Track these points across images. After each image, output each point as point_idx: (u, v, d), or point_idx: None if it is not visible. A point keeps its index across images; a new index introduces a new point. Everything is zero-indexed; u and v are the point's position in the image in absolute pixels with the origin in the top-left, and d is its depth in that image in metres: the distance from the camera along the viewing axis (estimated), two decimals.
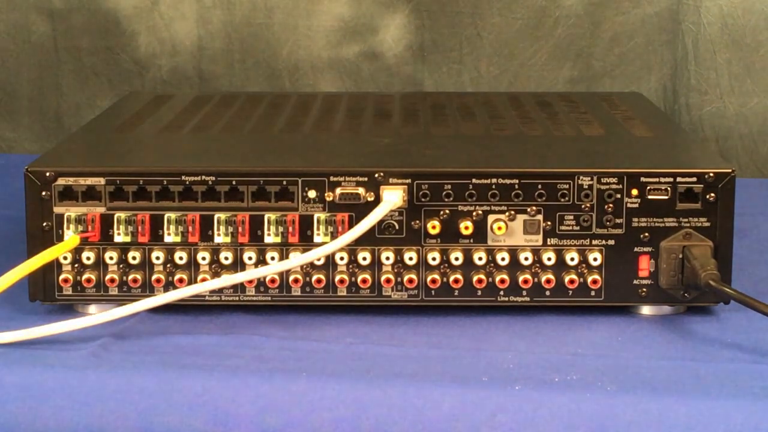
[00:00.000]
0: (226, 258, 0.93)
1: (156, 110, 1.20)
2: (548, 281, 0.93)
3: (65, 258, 0.93)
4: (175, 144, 1.05)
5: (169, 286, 0.93)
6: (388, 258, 0.93)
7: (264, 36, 1.54)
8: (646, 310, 0.95)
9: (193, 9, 1.54)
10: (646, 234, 0.93)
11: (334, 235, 0.92)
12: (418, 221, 0.93)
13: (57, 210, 0.93)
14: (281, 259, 0.93)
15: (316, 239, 0.93)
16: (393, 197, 0.92)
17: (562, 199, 0.93)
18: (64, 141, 1.16)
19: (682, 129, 1.33)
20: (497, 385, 0.80)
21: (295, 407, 0.80)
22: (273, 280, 0.93)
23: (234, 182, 0.93)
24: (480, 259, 0.93)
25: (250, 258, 0.93)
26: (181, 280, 0.93)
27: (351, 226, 0.92)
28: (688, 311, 0.95)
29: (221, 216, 0.93)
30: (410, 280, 0.93)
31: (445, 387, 0.80)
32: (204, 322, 0.93)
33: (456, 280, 0.93)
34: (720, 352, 0.88)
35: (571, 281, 0.93)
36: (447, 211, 0.93)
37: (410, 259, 0.93)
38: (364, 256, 0.93)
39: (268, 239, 0.93)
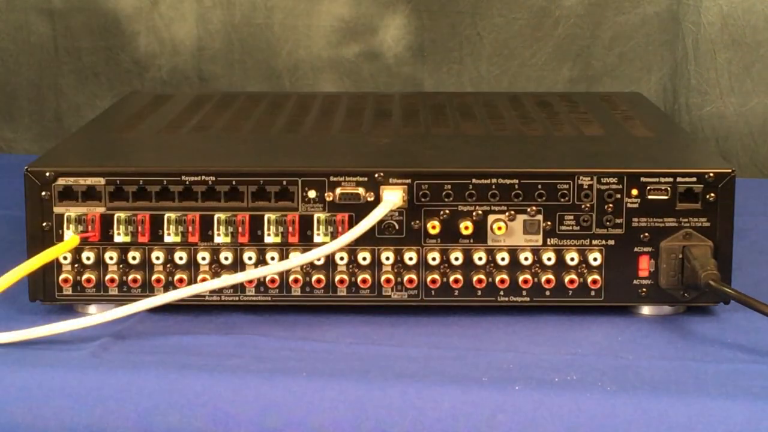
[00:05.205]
0: (226, 258, 0.93)
1: (156, 110, 1.20)
2: (548, 281, 0.93)
3: (65, 258, 0.93)
4: (175, 144, 1.05)
5: (169, 286, 0.93)
6: (388, 258, 0.93)
7: (264, 36, 1.54)
8: (646, 310, 0.95)
9: (193, 9, 1.54)
10: (646, 234, 0.93)
11: (334, 235, 0.92)
12: (418, 221, 0.93)
13: (57, 210, 0.93)
14: (281, 259, 0.93)
15: (316, 239, 0.93)
16: (393, 197, 0.92)
17: (562, 199, 0.93)
18: (64, 141, 1.15)
19: (682, 129, 1.33)
20: (497, 385, 0.80)
21: (295, 407, 0.80)
22: (273, 280, 0.93)
23: (234, 182, 0.93)
24: (480, 259, 0.93)
25: (250, 258, 0.93)
26: (181, 280, 0.93)
27: (351, 226, 0.92)
28: (688, 311, 0.95)
29: (221, 216, 0.93)
30: (410, 280, 0.93)
31: (445, 387, 0.80)
32: (204, 322, 0.93)
33: (456, 280, 0.93)
34: (720, 352, 0.87)
35: (571, 281, 0.93)
36: (447, 211, 0.93)
37: (410, 259, 0.93)
38: (364, 256, 0.93)
39: (268, 239, 0.93)
